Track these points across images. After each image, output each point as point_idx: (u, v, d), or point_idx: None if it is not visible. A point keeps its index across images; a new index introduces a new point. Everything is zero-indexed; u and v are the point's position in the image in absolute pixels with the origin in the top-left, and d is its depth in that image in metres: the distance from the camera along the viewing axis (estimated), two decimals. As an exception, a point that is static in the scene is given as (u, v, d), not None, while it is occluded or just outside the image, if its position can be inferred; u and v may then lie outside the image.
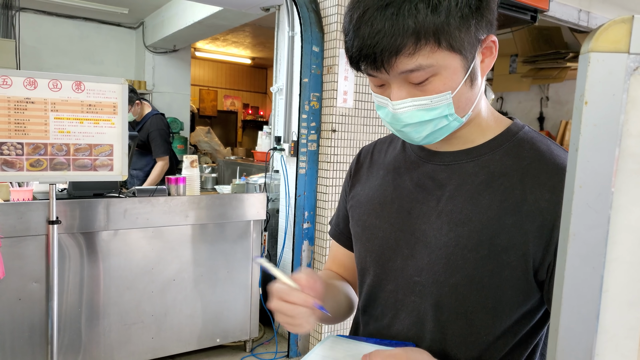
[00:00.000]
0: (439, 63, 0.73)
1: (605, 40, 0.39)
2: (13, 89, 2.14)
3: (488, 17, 0.75)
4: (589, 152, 0.40)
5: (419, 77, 0.74)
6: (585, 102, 0.39)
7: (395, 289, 0.89)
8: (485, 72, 0.81)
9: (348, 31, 0.76)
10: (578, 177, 0.40)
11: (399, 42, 0.70)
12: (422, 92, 0.76)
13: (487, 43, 0.78)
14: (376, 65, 0.74)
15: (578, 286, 0.40)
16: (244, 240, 3.20)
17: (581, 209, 0.40)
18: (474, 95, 0.80)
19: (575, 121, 0.41)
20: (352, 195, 1.02)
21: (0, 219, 2.37)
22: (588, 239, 0.40)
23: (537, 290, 0.79)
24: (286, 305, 0.80)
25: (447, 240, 0.81)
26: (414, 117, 0.78)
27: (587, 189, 0.40)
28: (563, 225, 0.42)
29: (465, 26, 0.72)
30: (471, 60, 0.76)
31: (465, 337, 0.82)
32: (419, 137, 0.81)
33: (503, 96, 5.79)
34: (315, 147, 3.18)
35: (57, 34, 6.02)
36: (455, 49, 0.72)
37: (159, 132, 4.09)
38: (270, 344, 3.46)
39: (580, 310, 0.40)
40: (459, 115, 0.79)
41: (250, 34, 7.52)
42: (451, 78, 0.75)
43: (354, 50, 0.75)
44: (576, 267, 0.40)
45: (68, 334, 2.65)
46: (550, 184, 0.77)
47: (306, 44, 3.08)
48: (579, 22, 4.06)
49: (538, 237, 0.75)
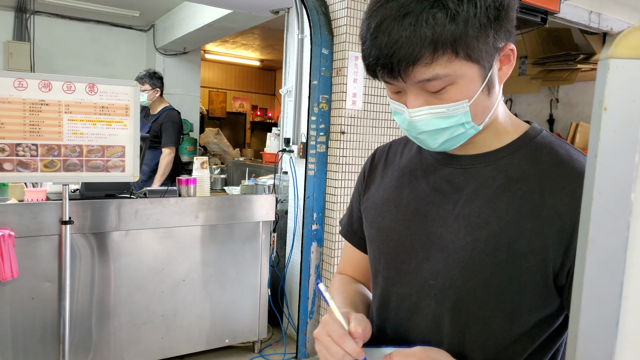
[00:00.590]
0: (456, 72, 0.73)
1: (625, 46, 0.39)
2: (28, 91, 2.16)
3: (507, 26, 0.75)
4: (608, 159, 0.40)
5: (435, 86, 0.74)
6: (604, 108, 0.40)
7: (409, 292, 0.89)
8: (503, 79, 0.81)
9: (365, 39, 0.76)
10: (597, 183, 0.40)
11: (417, 52, 0.70)
12: (439, 100, 0.76)
13: (505, 51, 0.78)
14: (393, 75, 0.74)
15: (597, 292, 0.40)
16: (253, 241, 3.21)
17: (600, 215, 0.40)
18: (492, 103, 0.80)
19: (594, 127, 0.41)
20: (366, 196, 1.02)
21: (15, 219, 2.40)
22: (607, 245, 0.40)
23: (557, 296, 0.79)
24: (335, 348, 0.79)
25: (464, 244, 0.81)
26: (430, 125, 0.78)
27: (607, 195, 0.40)
28: (582, 231, 0.42)
29: (484, 36, 0.72)
30: (489, 69, 0.76)
31: (483, 342, 0.82)
32: (435, 144, 0.81)
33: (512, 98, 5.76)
34: (324, 149, 3.19)
35: (69, 36, 6.07)
36: (472, 58, 0.72)
37: (173, 124, 4.14)
38: (278, 345, 3.46)
39: (600, 316, 0.40)
40: (476, 123, 0.79)
41: (260, 36, 7.54)
42: (468, 87, 0.75)
43: (370, 59, 0.75)
44: (595, 273, 0.40)
45: (79, 333, 2.67)
46: (569, 188, 0.76)
47: (315, 46, 3.09)
48: (590, 23, 4.04)
49: (557, 242, 0.75)
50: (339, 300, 1.00)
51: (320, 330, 0.82)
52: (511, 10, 0.75)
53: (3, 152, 2.16)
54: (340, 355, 0.78)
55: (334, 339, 0.79)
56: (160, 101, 4.22)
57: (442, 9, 0.69)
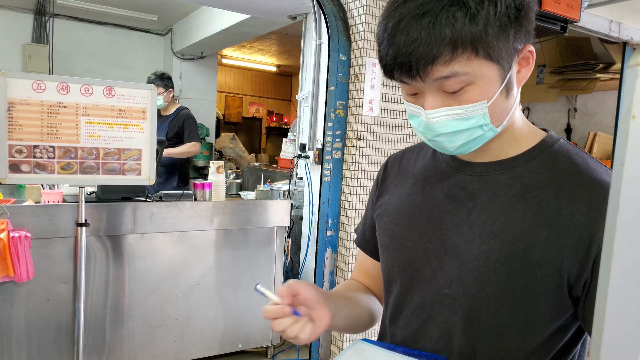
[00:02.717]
0: (475, 72, 0.72)
1: (655, 53, 0.38)
2: (47, 93, 2.19)
3: (526, 27, 0.74)
4: (636, 167, 0.38)
5: (453, 85, 0.73)
6: (632, 116, 0.38)
7: (422, 301, 0.87)
8: (522, 82, 0.80)
9: (382, 40, 0.75)
10: (624, 192, 0.39)
11: (436, 51, 0.69)
12: (456, 101, 0.75)
13: (524, 53, 0.77)
14: (411, 74, 0.73)
15: (622, 305, 0.39)
16: (268, 246, 3.21)
17: (627, 225, 0.39)
18: (510, 105, 0.79)
19: (621, 135, 0.40)
20: (379, 203, 1.01)
21: (31, 221, 2.42)
22: (634, 256, 0.39)
23: (571, 306, 0.77)
24: (273, 323, 0.83)
25: (478, 252, 0.79)
26: (448, 127, 0.76)
27: (633, 205, 0.39)
28: (606, 241, 0.41)
29: (504, 36, 0.71)
30: (508, 70, 0.75)
31: (496, 353, 0.80)
32: (452, 146, 0.79)
33: (530, 107, 5.71)
34: (340, 155, 3.18)
35: (88, 39, 6.16)
36: (492, 58, 0.71)
37: (193, 120, 4.24)
38: (291, 351, 3.45)
39: (624, 330, 0.39)
40: (494, 126, 0.78)
41: (277, 41, 7.58)
42: (487, 87, 0.74)
43: (388, 59, 0.74)
44: (621, 285, 0.39)
45: (93, 335, 2.68)
46: (587, 198, 0.75)
47: (333, 52, 3.09)
48: (610, 32, 3.99)
49: (574, 253, 0.73)
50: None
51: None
52: (531, 11, 0.74)
53: (21, 154, 2.18)
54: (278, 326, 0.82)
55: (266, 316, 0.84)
56: (173, 102, 4.30)
57: (461, 7, 0.69)
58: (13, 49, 5.65)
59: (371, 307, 1.04)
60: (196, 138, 4.19)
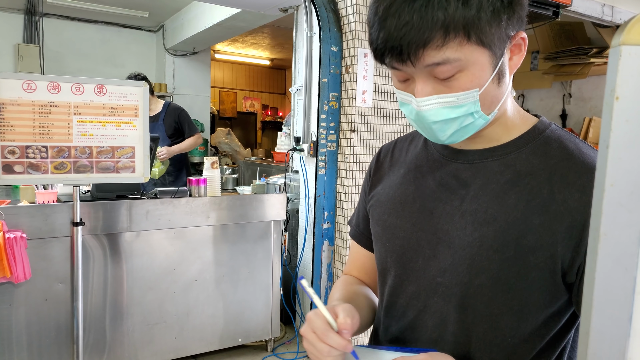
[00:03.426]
0: (467, 58, 0.71)
1: (638, 32, 0.37)
2: (37, 93, 2.18)
3: (519, 13, 0.73)
4: (621, 149, 0.38)
5: (445, 71, 0.72)
6: (616, 97, 0.38)
7: (417, 290, 0.87)
8: (514, 69, 0.79)
9: (373, 23, 0.74)
10: (609, 175, 0.39)
11: (427, 35, 0.68)
12: (448, 88, 0.74)
13: (516, 40, 0.76)
14: (402, 58, 0.72)
15: (609, 288, 0.39)
16: (265, 240, 3.21)
17: (613, 207, 0.39)
18: (501, 93, 0.78)
19: (605, 117, 0.39)
20: (372, 194, 1.00)
21: (26, 221, 2.42)
22: (620, 239, 0.39)
23: (565, 292, 0.77)
24: (320, 345, 0.77)
25: (471, 240, 0.79)
26: (439, 115, 0.75)
27: (619, 187, 0.39)
28: (593, 224, 0.40)
29: (496, 21, 0.70)
30: (500, 57, 0.74)
31: (490, 340, 0.80)
32: (444, 135, 0.79)
33: (524, 93, 5.71)
34: (334, 147, 3.18)
35: (79, 38, 6.12)
36: (484, 43, 0.71)
37: (187, 113, 4.27)
38: (291, 344, 3.46)
39: (612, 312, 0.39)
40: (486, 113, 0.77)
41: (269, 35, 7.55)
42: (479, 74, 0.73)
43: (379, 42, 0.73)
44: (608, 268, 0.39)
45: (93, 334, 2.69)
46: (579, 183, 0.75)
47: (325, 44, 3.07)
48: (603, 16, 3.98)
49: (567, 238, 0.73)
50: (337, 296, 0.99)
51: (305, 327, 0.80)
52: None
53: (13, 155, 2.17)
54: (326, 351, 0.76)
55: (318, 335, 0.77)
56: (155, 99, 4.26)
57: None
58: (4, 49, 5.62)
59: (373, 304, 1.04)
60: (196, 129, 4.24)
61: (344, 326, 0.76)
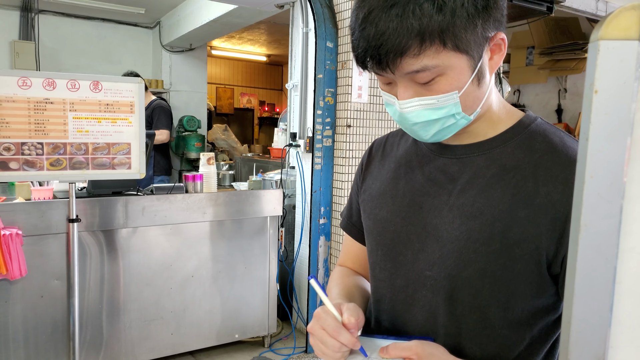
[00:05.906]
0: (445, 63, 0.72)
1: (616, 27, 0.38)
2: (33, 89, 2.18)
3: (496, 15, 0.74)
4: (600, 142, 0.39)
5: (424, 77, 0.73)
6: (595, 90, 0.39)
7: (406, 284, 0.89)
8: (494, 69, 0.80)
9: (354, 30, 0.75)
10: (589, 167, 0.40)
11: (404, 44, 0.69)
12: (428, 91, 0.75)
13: (495, 40, 0.77)
14: (381, 66, 0.73)
15: (591, 278, 0.40)
16: (261, 236, 3.21)
17: (592, 199, 0.40)
18: (482, 93, 0.79)
19: (585, 110, 0.40)
20: (364, 188, 1.02)
21: (22, 218, 2.42)
22: (600, 229, 0.39)
23: (552, 284, 0.79)
24: (331, 341, 0.79)
25: (458, 233, 0.81)
26: (420, 117, 0.77)
27: (599, 179, 0.39)
28: (574, 216, 0.41)
29: (472, 26, 0.71)
30: (478, 59, 0.75)
31: (480, 331, 0.82)
32: (427, 135, 0.81)
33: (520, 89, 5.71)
34: (330, 143, 3.18)
35: (75, 35, 6.10)
36: (461, 49, 0.72)
37: (162, 109, 4.42)
38: (288, 340, 3.47)
39: (594, 302, 0.40)
40: (467, 114, 0.79)
41: (266, 31, 7.53)
42: (457, 78, 0.74)
43: (359, 51, 0.75)
44: (588, 258, 0.40)
45: (89, 331, 2.69)
46: (562, 176, 0.76)
47: (320, 39, 3.08)
48: (597, 11, 3.99)
49: (551, 230, 0.75)
50: (336, 292, 1.00)
51: (313, 324, 0.82)
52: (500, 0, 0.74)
53: (9, 151, 2.17)
54: (336, 348, 0.78)
55: (328, 332, 0.79)
56: (147, 96, 4.44)
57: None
58: (0, 46, 5.59)
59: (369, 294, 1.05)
60: (162, 126, 4.33)
61: (350, 325, 0.79)
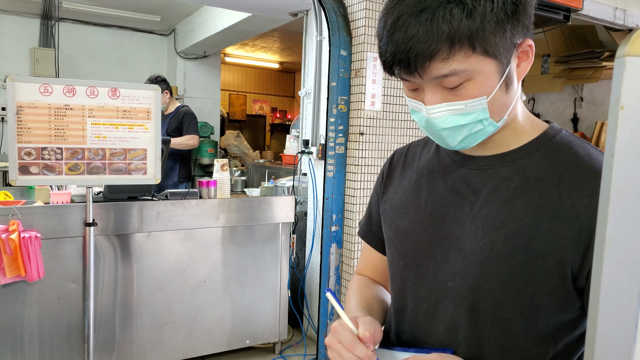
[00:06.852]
0: (474, 68, 0.72)
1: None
2: (53, 96, 2.22)
3: (524, 22, 0.74)
4: (626, 157, 0.39)
5: (453, 81, 0.73)
6: (621, 106, 0.39)
7: (428, 295, 0.88)
8: (522, 76, 0.80)
9: (382, 36, 0.76)
10: (614, 182, 0.40)
11: (433, 48, 0.70)
12: (456, 96, 0.75)
13: (523, 47, 0.77)
14: (410, 70, 0.74)
15: (615, 293, 0.40)
16: (273, 242, 3.22)
17: (618, 214, 0.40)
18: (510, 99, 0.79)
19: (611, 126, 0.40)
20: (385, 198, 1.02)
21: (41, 221, 2.45)
22: (625, 245, 0.39)
23: (578, 298, 0.77)
24: (347, 354, 0.80)
25: (481, 245, 0.80)
26: (448, 122, 0.77)
27: (624, 194, 0.39)
28: (599, 231, 0.41)
29: (501, 31, 0.71)
30: (506, 65, 0.75)
31: (502, 344, 0.81)
32: (454, 141, 0.80)
33: (535, 97, 5.68)
34: (343, 150, 3.19)
35: (93, 42, 6.19)
36: (490, 54, 0.72)
37: (192, 116, 4.42)
38: (299, 347, 3.47)
39: (618, 317, 0.40)
40: (495, 120, 0.78)
41: (279, 39, 7.57)
42: (486, 83, 0.74)
43: (387, 56, 0.75)
44: (613, 273, 0.40)
45: (103, 333, 2.71)
46: (588, 188, 0.75)
47: (334, 48, 3.09)
48: (615, 20, 3.96)
49: (576, 243, 0.74)
50: (355, 303, 1.00)
51: (330, 337, 0.83)
52: (529, 6, 0.74)
53: (30, 156, 2.21)
54: None
55: (344, 346, 0.80)
56: (172, 101, 4.46)
57: (458, 4, 0.69)
58: (21, 53, 5.70)
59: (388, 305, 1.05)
60: (193, 131, 4.35)
61: (365, 339, 0.80)
